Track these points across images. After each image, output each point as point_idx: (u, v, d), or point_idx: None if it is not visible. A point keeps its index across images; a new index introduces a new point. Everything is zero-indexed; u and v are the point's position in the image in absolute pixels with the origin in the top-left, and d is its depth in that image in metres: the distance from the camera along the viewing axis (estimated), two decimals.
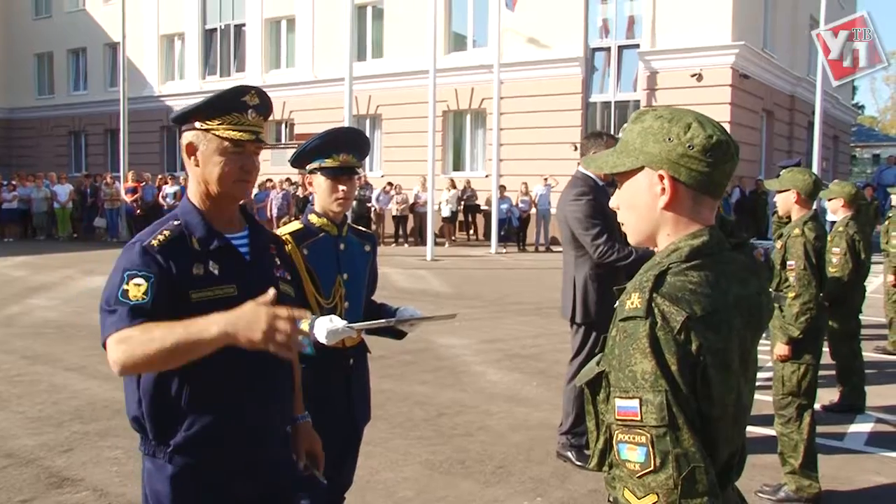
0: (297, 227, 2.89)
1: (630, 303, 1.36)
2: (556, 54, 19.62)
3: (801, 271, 4.12)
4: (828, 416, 5.63)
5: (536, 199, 18.91)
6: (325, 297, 2.81)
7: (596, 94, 19.97)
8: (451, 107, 21.50)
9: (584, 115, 19.75)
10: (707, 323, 1.33)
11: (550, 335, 8.46)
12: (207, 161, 2.00)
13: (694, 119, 1.45)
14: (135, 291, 1.85)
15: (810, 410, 4.21)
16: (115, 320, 1.83)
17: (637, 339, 1.32)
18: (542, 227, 19.01)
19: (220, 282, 1.97)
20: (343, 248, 2.93)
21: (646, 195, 1.47)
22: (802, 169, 4.52)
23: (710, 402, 1.32)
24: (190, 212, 2.03)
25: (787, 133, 22.02)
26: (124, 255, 1.94)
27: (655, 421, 1.28)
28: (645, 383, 1.29)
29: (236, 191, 2.03)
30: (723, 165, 1.43)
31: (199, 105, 2.00)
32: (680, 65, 18.16)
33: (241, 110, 2.00)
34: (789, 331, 4.12)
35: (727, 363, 1.35)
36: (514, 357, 7.57)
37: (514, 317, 9.88)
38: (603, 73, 19.95)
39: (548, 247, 18.71)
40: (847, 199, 6.19)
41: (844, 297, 5.93)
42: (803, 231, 4.17)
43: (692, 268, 1.39)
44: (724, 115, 17.46)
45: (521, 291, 11.99)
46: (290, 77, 24.35)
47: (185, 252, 1.95)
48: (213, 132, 1.98)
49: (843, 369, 6.00)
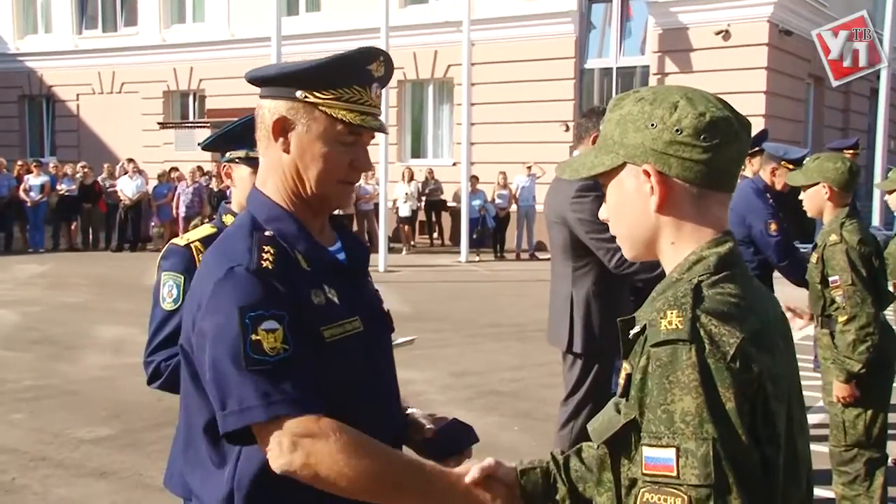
0: (210, 231, 2.90)
1: (667, 322, 1.33)
2: (543, 7, 19.73)
3: (848, 287, 4.12)
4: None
5: (518, 194, 19.01)
6: None
7: (593, 59, 20.13)
8: (409, 75, 21.50)
9: (577, 87, 19.90)
10: (760, 344, 1.32)
11: (535, 366, 8.46)
12: (308, 148, 1.84)
13: (682, 96, 1.46)
14: (270, 342, 1.66)
15: (884, 468, 4.23)
16: (272, 399, 1.62)
17: (678, 370, 1.29)
18: (526, 228, 19.09)
19: (345, 313, 1.84)
20: None
21: (634, 198, 1.49)
22: (831, 155, 4.53)
23: (776, 446, 1.30)
24: (282, 217, 1.87)
25: (843, 104, 22.26)
26: (223, 291, 1.70)
27: (697, 479, 1.25)
28: (686, 427, 1.27)
29: (340, 195, 1.92)
30: (725, 149, 1.44)
31: (308, 66, 1.83)
32: (702, 19, 18.33)
33: (364, 83, 1.86)
34: (847, 365, 4.09)
35: (785, 394, 1.35)
36: (490, 394, 7.57)
37: (489, 343, 9.89)
38: (602, 31, 20.13)
39: (532, 253, 18.81)
40: None
41: None
42: (842, 235, 4.19)
43: (724, 279, 1.40)
44: (757, 84, 17.68)
45: (499, 310, 12.02)
46: (199, 35, 24.18)
47: (297, 275, 1.79)
48: (322, 108, 1.82)
49: None
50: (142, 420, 6.75)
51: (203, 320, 1.72)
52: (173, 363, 2.72)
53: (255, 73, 1.92)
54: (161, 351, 2.76)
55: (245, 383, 1.64)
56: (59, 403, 7.35)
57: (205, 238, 2.85)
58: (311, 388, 1.67)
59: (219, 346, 1.68)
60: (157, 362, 2.76)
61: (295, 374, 1.66)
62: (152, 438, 6.24)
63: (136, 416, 6.84)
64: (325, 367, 1.74)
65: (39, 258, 18.65)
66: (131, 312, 10.63)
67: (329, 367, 1.75)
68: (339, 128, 1.83)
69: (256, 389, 1.63)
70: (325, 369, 1.74)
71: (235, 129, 2.89)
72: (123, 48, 25.30)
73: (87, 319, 11.32)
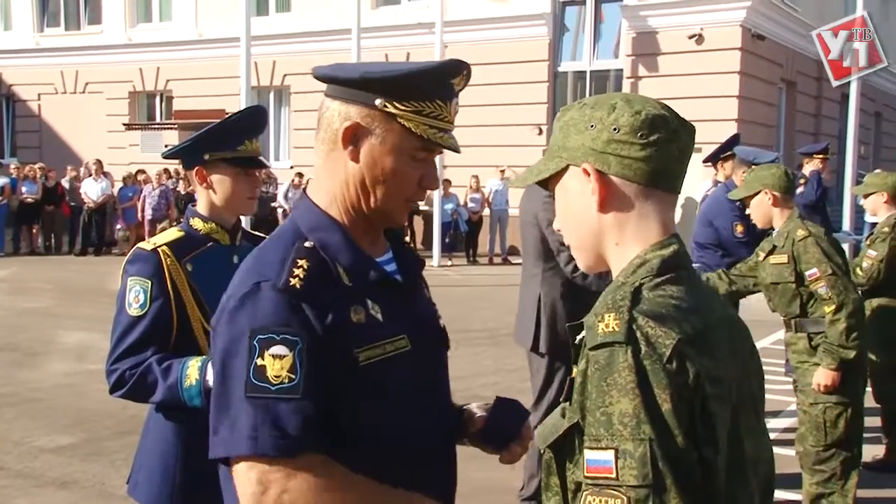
0: (177, 235, 2.89)
1: (604, 325, 1.36)
2: (516, 10, 19.82)
3: (829, 276, 4.20)
4: (870, 476, 5.68)
5: (491, 198, 19.07)
6: None
7: (567, 62, 20.23)
8: None
9: (551, 89, 20.00)
10: (701, 345, 1.35)
11: (510, 371, 8.48)
12: (379, 160, 1.75)
13: (620, 99, 1.50)
14: (275, 369, 1.59)
15: (858, 467, 4.29)
16: (258, 435, 1.56)
17: (616, 372, 1.31)
18: (499, 232, 19.15)
19: (389, 332, 1.75)
20: (237, 260, 2.90)
21: (577, 200, 1.52)
22: (764, 164, 4.64)
23: (714, 448, 1.33)
24: (326, 227, 1.79)
25: (814, 109, 22.57)
26: (244, 308, 1.65)
27: (635, 479, 1.27)
28: (624, 429, 1.29)
29: (402, 213, 1.85)
30: (665, 146, 1.47)
31: (394, 74, 1.74)
32: (675, 23, 18.49)
33: (446, 98, 1.78)
34: (842, 353, 4.16)
35: (728, 396, 1.37)
36: (463, 401, 7.54)
37: (462, 348, 9.86)
38: (576, 34, 20.23)
39: (505, 257, 18.86)
40: (892, 192, 6.11)
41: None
42: (808, 229, 4.30)
43: (668, 281, 1.43)
44: (730, 89, 17.86)
45: (472, 315, 12.01)
46: (166, 35, 24.02)
47: (335, 291, 1.71)
48: (401, 120, 1.74)
49: (892, 416, 6.08)
50: (105, 428, 6.68)
51: (219, 334, 1.68)
52: (139, 372, 2.69)
53: (329, 71, 1.82)
54: (126, 359, 2.73)
55: (240, 411, 1.59)
56: (20, 411, 7.26)
57: (172, 242, 2.83)
58: (310, 423, 1.60)
59: (225, 365, 1.64)
60: (122, 371, 2.72)
61: (294, 408, 1.59)
62: (116, 447, 6.18)
63: (99, 425, 6.77)
64: (359, 391, 1.68)
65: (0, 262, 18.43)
66: (95, 318, 10.52)
67: (364, 391, 1.69)
68: (414, 143, 1.76)
69: (248, 421, 1.58)
70: (358, 393, 1.68)
71: (216, 131, 2.87)
72: (87, 47, 25.07)
73: (50, 325, 11.19)
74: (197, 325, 2.79)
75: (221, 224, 2.93)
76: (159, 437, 2.85)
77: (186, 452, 2.80)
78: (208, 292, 2.79)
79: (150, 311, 2.73)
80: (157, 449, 2.85)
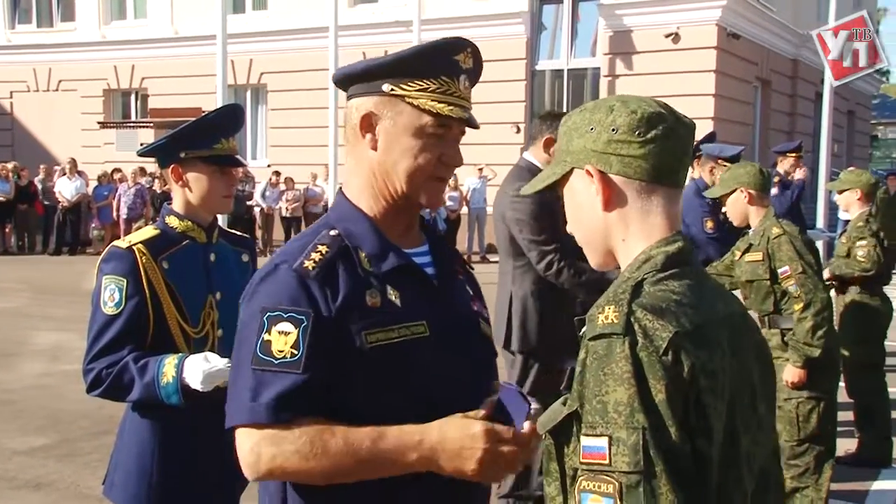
0: (153, 233, 2.88)
1: (603, 317, 1.41)
2: (494, 8, 19.86)
3: (799, 274, 4.28)
4: (843, 470, 5.73)
5: (469, 196, 19.08)
6: (193, 325, 2.82)
7: (544, 61, 20.29)
8: None
9: (529, 88, 20.05)
10: (697, 339, 1.38)
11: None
12: (394, 142, 1.83)
13: (617, 100, 1.56)
14: (279, 344, 1.71)
15: (832, 461, 4.35)
16: (255, 404, 1.69)
17: (613, 362, 1.36)
18: (477, 230, 19.18)
19: (406, 317, 1.81)
20: (214, 259, 2.95)
21: (584, 202, 1.58)
22: (741, 163, 4.72)
23: (709, 439, 1.36)
24: (353, 217, 1.88)
25: (789, 108, 22.80)
26: (262, 286, 1.78)
27: (627, 466, 1.30)
28: (618, 417, 1.32)
29: (430, 192, 1.88)
30: (664, 143, 1.51)
31: (393, 58, 1.82)
32: (651, 21, 18.60)
33: (452, 74, 1.84)
34: (807, 351, 4.25)
35: (723, 390, 1.40)
36: None
37: None
38: (553, 32, 20.29)
39: (483, 256, 18.89)
40: (865, 190, 6.24)
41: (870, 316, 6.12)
42: (783, 227, 4.39)
43: (671, 277, 1.47)
44: (706, 87, 18.00)
45: None
46: (141, 32, 23.88)
47: (353, 275, 1.79)
48: (408, 100, 1.81)
49: (865, 411, 6.14)
50: (81, 429, 6.63)
51: (242, 309, 1.82)
52: (115, 370, 2.68)
53: (342, 71, 1.91)
54: (103, 358, 2.72)
55: (246, 381, 1.71)
56: None
57: (147, 240, 2.82)
58: (306, 393, 1.70)
59: (240, 339, 1.78)
60: (99, 370, 2.72)
61: (292, 380, 1.69)
62: (91, 447, 6.14)
63: (74, 425, 6.72)
64: (363, 371, 1.75)
65: None
66: (70, 318, 10.45)
67: (369, 371, 1.75)
68: (426, 120, 1.82)
69: (251, 391, 1.70)
70: (363, 373, 1.75)
71: (191, 129, 2.86)
72: (60, 44, 24.88)
73: (24, 325, 11.09)
74: (173, 323, 2.78)
75: (198, 222, 2.92)
76: (136, 437, 2.84)
77: (163, 452, 2.80)
78: (185, 290, 2.81)
79: (125, 309, 2.72)
80: (133, 448, 2.84)
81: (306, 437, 1.68)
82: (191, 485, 2.82)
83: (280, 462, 1.69)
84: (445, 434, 1.69)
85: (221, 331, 2.88)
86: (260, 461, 1.70)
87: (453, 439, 1.68)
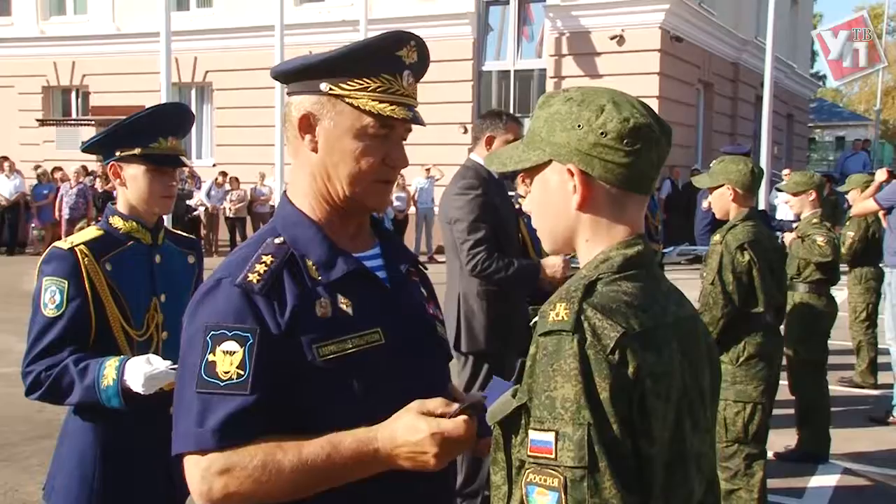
0: (96, 234, 2.84)
1: (554, 314, 1.42)
2: (440, 9, 19.88)
3: (708, 285, 4.36)
4: (782, 466, 5.90)
5: (416, 196, 19.07)
6: (137, 327, 2.79)
7: (491, 62, 20.37)
8: None
9: (475, 88, 20.09)
10: (645, 341, 1.41)
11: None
12: (335, 145, 1.76)
13: (608, 100, 1.53)
14: (225, 364, 1.63)
15: (762, 461, 4.41)
16: (202, 430, 1.61)
17: (560, 359, 1.38)
18: (424, 230, 19.19)
19: (359, 326, 1.74)
20: (159, 260, 2.93)
21: (557, 195, 1.57)
22: (735, 157, 4.74)
23: (650, 439, 1.38)
24: (298, 222, 1.80)
25: (730, 110, 23.20)
26: (205, 302, 1.69)
27: (572, 461, 1.33)
28: (564, 413, 1.35)
29: (375, 195, 1.81)
30: (647, 154, 1.52)
31: (330, 56, 1.73)
32: (597, 23, 18.78)
33: (394, 70, 1.77)
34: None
35: (668, 393, 1.42)
36: None
37: None
38: (500, 33, 20.37)
39: (431, 256, 18.89)
40: (818, 191, 6.42)
41: (815, 317, 6.24)
42: (725, 238, 4.41)
43: (625, 278, 1.49)
44: (650, 89, 18.17)
45: None
46: (82, 28, 23.46)
47: (300, 286, 1.72)
48: (348, 100, 1.73)
49: (805, 408, 6.25)
50: (18, 433, 6.49)
51: (183, 329, 1.74)
52: (55, 373, 2.64)
53: (278, 68, 1.83)
54: (42, 360, 2.67)
55: (191, 406, 1.64)
56: None
57: (90, 241, 2.78)
58: (255, 415, 1.63)
59: (183, 361, 1.70)
60: (38, 372, 2.67)
61: (239, 403, 1.63)
62: (30, 452, 6.01)
63: (11, 429, 6.57)
64: (317, 386, 1.69)
65: None
66: (8, 320, 10.22)
67: (323, 386, 1.69)
68: (367, 121, 1.74)
69: (196, 415, 1.63)
70: (316, 388, 1.69)
71: (127, 126, 2.82)
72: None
73: None
74: (116, 325, 2.75)
75: (142, 223, 2.88)
76: (77, 441, 2.79)
77: (105, 456, 2.75)
78: (128, 291, 2.78)
79: (66, 311, 2.67)
80: (74, 453, 2.79)
81: (258, 460, 1.61)
82: (133, 490, 2.78)
83: (234, 489, 1.61)
84: (396, 440, 1.64)
85: (167, 333, 2.85)
86: (212, 490, 1.62)
87: (405, 443, 1.63)
